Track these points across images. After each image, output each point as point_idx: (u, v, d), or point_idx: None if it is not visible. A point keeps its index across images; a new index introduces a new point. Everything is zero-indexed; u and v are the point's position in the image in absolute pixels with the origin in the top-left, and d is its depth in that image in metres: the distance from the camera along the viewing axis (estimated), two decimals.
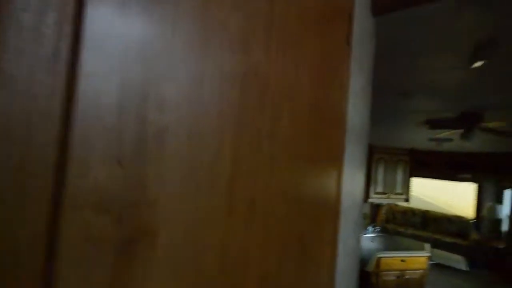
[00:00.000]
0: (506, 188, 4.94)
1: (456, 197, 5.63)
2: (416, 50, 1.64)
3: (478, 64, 1.65)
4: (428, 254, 3.07)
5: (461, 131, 2.99)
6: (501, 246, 4.74)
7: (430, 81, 2.11)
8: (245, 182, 0.38)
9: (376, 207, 5.74)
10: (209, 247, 0.33)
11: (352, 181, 0.88)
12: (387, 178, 3.26)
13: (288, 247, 0.48)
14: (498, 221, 4.96)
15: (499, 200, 5.18)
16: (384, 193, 3.26)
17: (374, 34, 1.08)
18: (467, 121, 2.89)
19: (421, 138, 4.26)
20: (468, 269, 2.87)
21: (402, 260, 2.99)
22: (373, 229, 3.57)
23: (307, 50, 0.50)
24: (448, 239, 5.07)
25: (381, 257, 2.92)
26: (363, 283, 2.39)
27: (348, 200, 0.83)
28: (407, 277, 3.00)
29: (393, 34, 1.45)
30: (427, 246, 3.23)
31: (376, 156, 3.14)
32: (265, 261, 0.43)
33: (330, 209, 0.64)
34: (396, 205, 6.03)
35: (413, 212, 5.83)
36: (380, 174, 3.19)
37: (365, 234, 3.49)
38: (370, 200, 3.18)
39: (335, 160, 0.65)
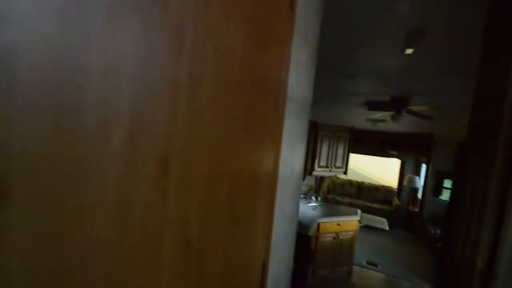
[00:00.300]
0: (422, 163, 5.90)
1: (385, 171, 6.50)
2: (358, 34, 1.74)
3: (409, 51, 1.85)
4: (358, 218, 3.54)
5: (392, 113, 3.40)
6: (416, 210, 5.75)
7: (371, 65, 2.29)
8: (154, 138, 0.34)
9: (320, 180, 6.30)
10: (101, 210, 0.29)
11: (292, 152, 0.95)
12: (330, 153, 3.57)
13: (214, 210, 0.47)
14: (415, 190, 5.95)
15: (417, 173, 6.18)
16: (327, 167, 3.57)
17: (320, 10, 1.11)
18: (397, 104, 3.28)
19: (360, 118, 4.71)
20: (388, 228, 3.39)
21: (338, 224, 3.40)
22: (315, 199, 3.93)
23: (243, 6, 0.47)
24: (376, 205, 5.92)
25: (320, 222, 3.27)
26: (305, 245, 2.66)
27: (286, 169, 0.89)
28: (341, 237, 3.44)
29: (337, 14, 1.51)
30: (359, 211, 3.72)
31: (321, 133, 3.38)
32: (184, 226, 0.41)
33: (266, 176, 0.67)
34: (337, 178, 6.71)
35: (350, 183, 6.58)
36: (324, 149, 3.47)
37: (309, 203, 3.84)
38: (315, 172, 3.46)
39: (273, 128, 0.67)
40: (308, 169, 3.27)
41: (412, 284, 3.65)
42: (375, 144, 6.06)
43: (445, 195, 5.40)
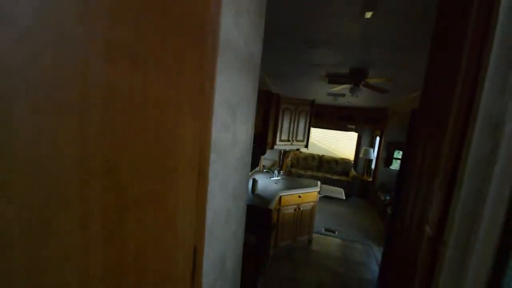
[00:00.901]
0: (377, 136, 6.27)
1: (343, 144, 6.80)
2: None
3: (368, 14, 1.76)
4: (318, 189, 3.66)
5: (350, 86, 3.42)
6: (370, 179, 6.19)
7: (331, 32, 2.18)
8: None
9: (284, 154, 6.39)
10: None
11: (233, 117, 0.80)
12: (291, 127, 3.53)
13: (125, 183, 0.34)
14: (370, 161, 6.36)
15: (371, 145, 6.58)
16: (288, 140, 3.55)
17: None
18: (355, 77, 3.29)
19: (321, 92, 4.73)
20: (345, 198, 3.56)
21: (299, 196, 3.47)
22: (278, 173, 3.94)
23: None
24: (335, 177, 6.24)
25: (282, 195, 3.30)
26: (266, 219, 2.65)
27: (226, 137, 0.74)
28: (302, 209, 3.54)
29: None
30: (318, 183, 3.84)
31: (283, 105, 3.29)
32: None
33: (186, 144, 0.52)
34: (300, 152, 6.87)
35: (312, 157, 6.80)
36: (285, 123, 3.41)
37: (272, 177, 3.84)
38: (276, 146, 3.42)
39: (194, 76, 0.51)
40: (269, 143, 3.21)
41: (365, 247, 3.98)
42: (335, 118, 6.24)
43: (395, 165, 5.89)
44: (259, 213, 2.63)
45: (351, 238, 4.17)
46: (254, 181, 3.11)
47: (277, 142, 3.37)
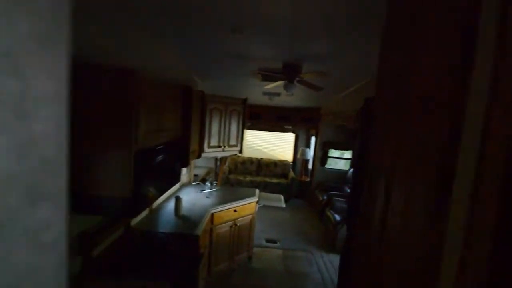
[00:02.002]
0: (312, 135, 6.34)
1: (281, 145, 6.68)
2: None
3: None
4: (256, 199, 3.26)
5: (285, 82, 3.13)
6: (307, 179, 6.20)
7: (257, 14, 1.77)
8: None
9: (220, 160, 5.86)
10: None
11: None
12: (222, 130, 3.03)
13: None
14: (307, 161, 6.39)
15: (308, 145, 6.64)
16: (219, 146, 3.04)
17: None
18: (289, 73, 3.01)
19: (256, 91, 4.40)
20: (284, 205, 3.25)
21: (234, 210, 3.00)
22: (210, 184, 3.40)
23: None
24: (275, 180, 6.04)
25: (214, 212, 2.77)
26: (191, 248, 2.07)
27: None
28: (239, 224, 3.08)
29: None
30: (256, 192, 3.45)
31: (210, 105, 2.77)
32: None
33: None
34: (238, 156, 6.46)
35: (251, 161, 6.47)
36: (214, 126, 2.89)
37: (202, 190, 3.27)
38: (205, 154, 2.87)
39: None
40: (195, 151, 2.63)
41: (307, 254, 3.78)
42: (272, 119, 6.05)
43: (330, 164, 6.04)
44: (182, 242, 2.04)
45: (293, 247, 3.93)
46: (177, 200, 2.49)
47: (205, 149, 2.83)
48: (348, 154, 6.13)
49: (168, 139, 2.06)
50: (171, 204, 2.63)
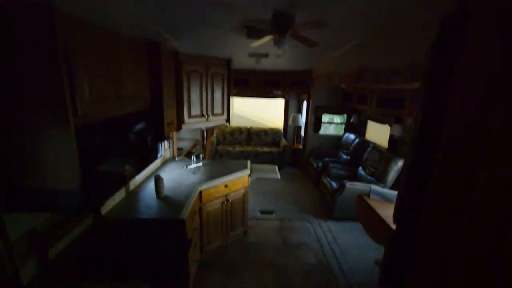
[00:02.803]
0: (304, 100, 5.96)
1: (271, 113, 6.30)
2: None
3: None
4: (248, 172, 2.98)
5: (275, 37, 2.66)
6: (300, 147, 5.96)
7: None
8: None
9: (207, 131, 5.47)
10: None
11: None
12: (204, 97, 2.61)
13: None
14: (299, 128, 6.09)
15: (299, 111, 6.29)
16: (202, 115, 2.65)
17: None
18: (280, 24, 2.53)
19: (241, 53, 3.87)
20: (279, 177, 2.99)
21: (225, 186, 2.72)
22: (196, 158, 3.06)
23: None
24: (266, 149, 5.77)
25: (202, 190, 2.48)
26: (176, 233, 1.79)
27: None
28: (231, 200, 2.83)
29: None
30: (248, 163, 3.16)
31: (187, 67, 2.31)
32: None
33: None
34: (225, 126, 6.07)
35: (240, 130, 6.12)
36: (194, 92, 2.46)
37: (188, 166, 2.94)
38: (186, 126, 2.48)
39: None
40: (172, 123, 2.24)
41: (304, 223, 3.65)
42: (260, 85, 5.58)
43: (323, 130, 5.77)
44: (165, 229, 1.76)
45: (289, 217, 3.79)
46: (157, 180, 2.15)
47: (186, 119, 2.43)
48: (338, 118, 5.85)
49: (136, 108, 1.65)
50: (152, 184, 2.30)
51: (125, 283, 1.31)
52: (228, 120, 2.99)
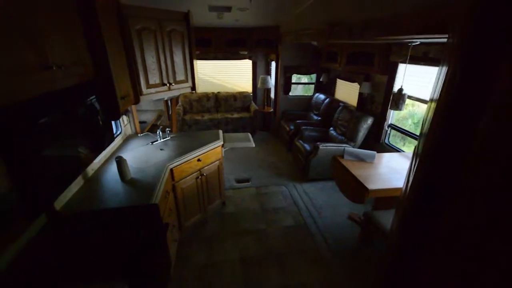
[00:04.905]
0: (272, 61, 5.65)
1: (238, 76, 5.93)
2: None
3: None
4: (221, 142, 2.80)
5: None
6: (271, 110, 5.82)
7: None
8: None
9: (171, 101, 5.02)
10: None
11: None
12: (162, 62, 2.24)
13: None
14: (268, 90, 5.88)
15: (268, 72, 6.01)
16: (163, 84, 2.31)
17: None
18: None
19: (200, 7, 3.37)
20: (254, 144, 2.87)
21: (198, 160, 2.53)
22: (162, 133, 2.77)
23: None
24: (236, 115, 5.55)
25: (173, 167, 2.28)
26: (150, 221, 1.63)
27: None
28: (205, 174, 2.68)
29: None
30: (220, 133, 2.97)
31: (135, 24, 1.89)
32: None
33: None
34: (192, 93, 5.63)
35: (207, 97, 5.73)
36: (149, 56, 2.08)
37: (154, 142, 2.66)
38: (145, 97, 2.15)
39: None
40: (129, 95, 1.90)
41: (280, 187, 3.69)
42: (224, 45, 5.10)
43: (293, 92, 5.63)
44: (137, 216, 1.57)
45: (265, 183, 3.80)
46: (119, 162, 1.89)
47: (144, 90, 2.09)
48: (308, 78, 5.72)
49: (76, 79, 1.31)
50: (115, 167, 2.03)
51: (99, 284, 1.16)
52: (194, 88, 2.67)
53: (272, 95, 5.89)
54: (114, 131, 2.39)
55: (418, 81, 2.99)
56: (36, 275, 1.17)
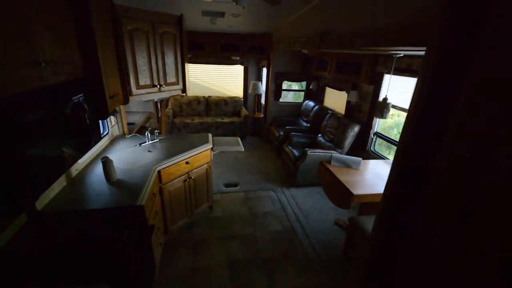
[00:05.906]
0: (263, 67, 5.73)
1: (230, 81, 5.97)
2: None
3: None
4: (210, 146, 2.80)
5: None
6: (261, 116, 5.88)
7: None
8: None
9: (161, 103, 4.98)
10: None
11: None
12: (154, 63, 2.24)
13: None
14: (259, 96, 5.94)
15: (259, 78, 6.08)
16: (154, 85, 2.30)
17: None
18: None
19: (193, 11, 3.40)
20: (243, 149, 2.89)
21: (186, 163, 2.52)
22: (150, 134, 2.75)
23: None
24: (227, 120, 5.56)
25: (161, 169, 2.26)
26: (135, 223, 1.60)
27: None
28: (194, 176, 2.67)
29: None
30: (209, 136, 2.97)
31: (128, 25, 1.89)
32: None
33: None
34: (181, 96, 5.60)
35: (198, 100, 5.72)
36: (140, 57, 2.08)
37: (142, 143, 2.63)
38: (135, 97, 2.14)
39: None
40: (118, 95, 1.88)
41: (268, 192, 3.71)
42: (217, 50, 5.13)
43: (283, 98, 5.71)
44: (121, 218, 1.55)
45: (254, 187, 3.80)
46: (105, 163, 1.86)
47: (134, 90, 2.08)
48: (298, 85, 5.82)
49: (65, 76, 1.30)
50: (100, 168, 1.99)
51: (81, 286, 1.13)
52: (184, 90, 2.67)
53: (263, 100, 5.95)
54: (101, 131, 2.35)
55: (403, 92, 3.12)
56: (14, 274, 1.13)
